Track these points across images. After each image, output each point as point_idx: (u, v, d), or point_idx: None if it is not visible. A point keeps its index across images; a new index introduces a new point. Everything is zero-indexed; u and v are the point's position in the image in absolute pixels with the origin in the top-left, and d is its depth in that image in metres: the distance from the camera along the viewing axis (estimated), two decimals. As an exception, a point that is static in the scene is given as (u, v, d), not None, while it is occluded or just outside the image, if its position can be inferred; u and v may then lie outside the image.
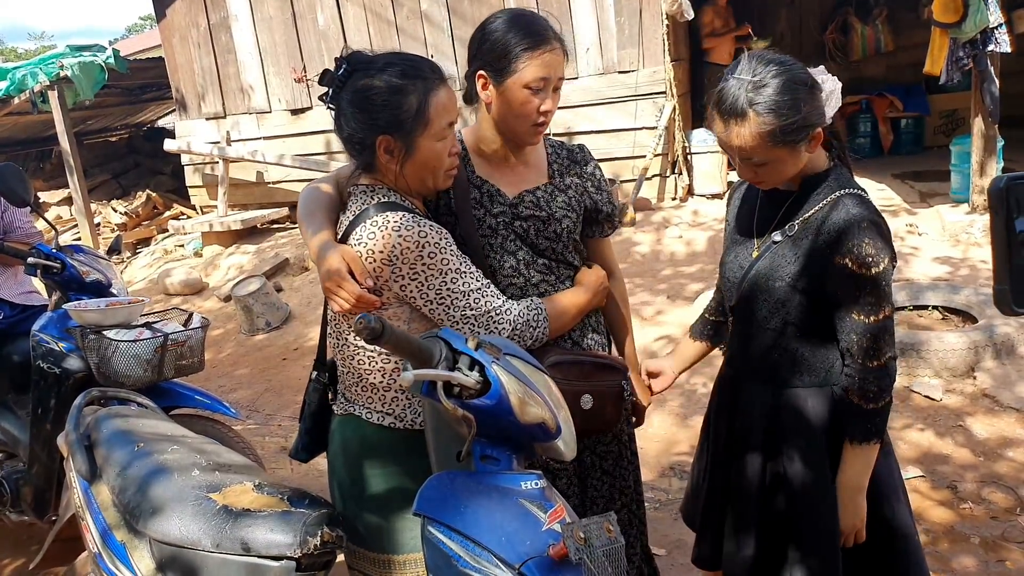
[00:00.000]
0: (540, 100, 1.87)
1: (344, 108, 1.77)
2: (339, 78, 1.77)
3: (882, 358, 1.75)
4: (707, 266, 5.90)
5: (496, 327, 1.76)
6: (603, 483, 2.10)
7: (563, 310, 1.90)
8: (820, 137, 1.77)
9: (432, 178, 1.81)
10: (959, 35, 5.54)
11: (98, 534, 1.90)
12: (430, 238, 1.70)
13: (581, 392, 1.86)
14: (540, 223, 1.96)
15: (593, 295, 1.99)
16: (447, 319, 1.74)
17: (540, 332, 1.83)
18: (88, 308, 2.89)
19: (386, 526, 1.80)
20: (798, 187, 1.86)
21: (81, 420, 2.16)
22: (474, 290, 1.74)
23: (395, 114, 1.73)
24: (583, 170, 2.07)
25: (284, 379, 5.57)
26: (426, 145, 1.75)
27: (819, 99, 1.76)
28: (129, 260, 9.11)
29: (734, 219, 2.06)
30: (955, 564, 2.85)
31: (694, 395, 4.36)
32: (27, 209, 3.45)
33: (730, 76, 1.75)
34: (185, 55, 8.91)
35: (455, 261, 1.73)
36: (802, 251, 1.80)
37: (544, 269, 1.98)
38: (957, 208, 6.21)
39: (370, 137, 1.75)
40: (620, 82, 7.30)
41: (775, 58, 1.74)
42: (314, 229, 1.82)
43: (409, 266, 1.70)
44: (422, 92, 1.73)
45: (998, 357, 4.11)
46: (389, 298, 1.75)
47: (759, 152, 1.73)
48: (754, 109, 1.69)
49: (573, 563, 1.27)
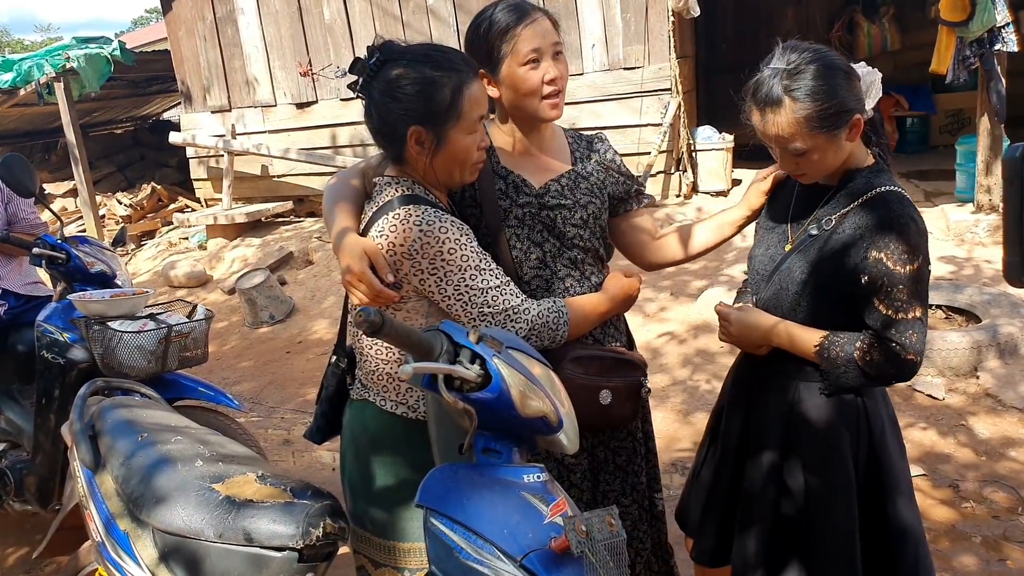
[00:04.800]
0: (542, 71, 1.88)
1: (375, 98, 1.76)
2: (371, 67, 1.76)
3: (903, 353, 1.73)
4: (710, 263, 5.90)
5: (514, 326, 1.76)
6: (615, 478, 2.10)
7: (584, 315, 1.90)
8: (860, 125, 1.75)
9: (460, 171, 1.81)
10: (966, 34, 5.52)
11: (102, 523, 1.91)
12: (451, 234, 1.70)
13: (601, 387, 1.87)
14: (567, 211, 1.96)
15: (617, 304, 1.98)
16: (464, 316, 1.74)
17: (560, 335, 1.83)
18: (93, 299, 2.90)
19: (392, 513, 1.82)
20: (837, 182, 1.85)
21: (85, 410, 2.17)
22: (492, 287, 1.74)
23: (428, 106, 1.72)
24: (603, 157, 2.09)
25: (287, 372, 5.58)
26: (457, 138, 1.75)
27: (856, 86, 1.75)
28: (134, 252, 9.13)
29: (766, 211, 2.05)
30: (956, 563, 2.85)
31: (696, 391, 4.37)
32: (32, 200, 3.46)
33: (764, 67, 1.74)
34: (191, 48, 8.92)
35: (475, 258, 1.73)
36: (838, 245, 1.78)
37: (570, 264, 1.99)
38: (962, 207, 6.20)
39: (402, 128, 1.74)
40: (625, 78, 7.29)
41: (809, 46, 1.73)
42: (337, 220, 1.81)
43: (429, 261, 1.70)
44: (456, 84, 1.73)
45: (1001, 357, 4.10)
46: (408, 292, 1.75)
47: (798, 139, 1.72)
48: (791, 96, 1.68)
49: (575, 556, 1.27)
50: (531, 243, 1.96)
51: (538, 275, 1.96)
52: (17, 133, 11.40)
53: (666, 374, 4.64)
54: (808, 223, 1.87)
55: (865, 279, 1.73)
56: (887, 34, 9.45)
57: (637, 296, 2.04)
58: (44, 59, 8.64)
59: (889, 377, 1.77)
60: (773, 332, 1.86)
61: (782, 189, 2.02)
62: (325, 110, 8.47)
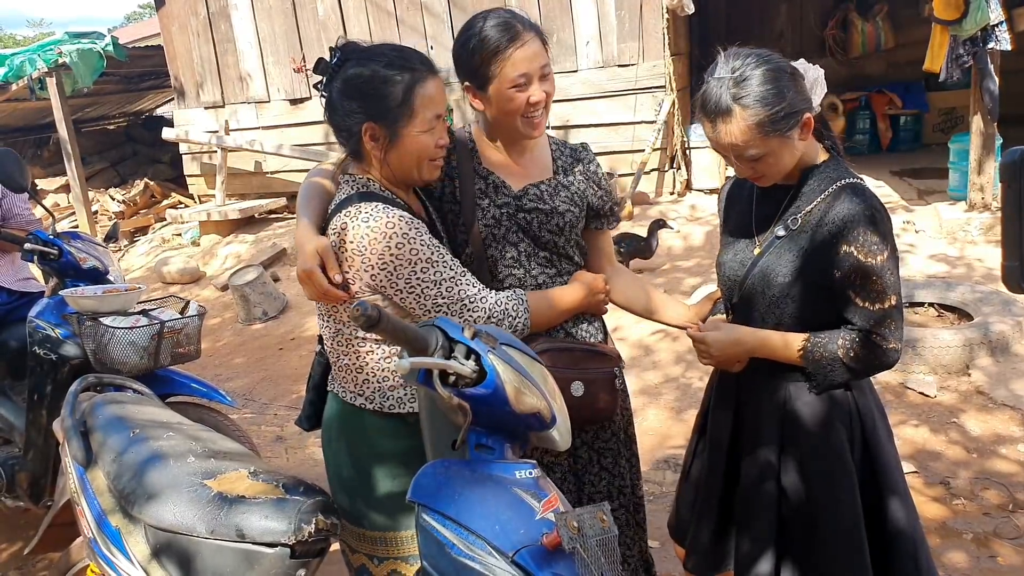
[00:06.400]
0: (526, 94, 1.89)
1: (334, 96, 1.82)
2: (332, 67, 1.81)
3: (884, 344, 1.75)
4: (704, 261, 5.91)
5: (470, 315, 1.78)
6: (601, 479, 2.09)
7: (548, 304, 1.92)
8: (811, 124, 1.77)
9: (417, 168, 1.84)
10: (959, 32, 5.53)
11: (93, 520, 1.91)
12: (398, 228, 1.72)
13: (571, 379, 1.87)
14: (543, 216, 1.97)
15: (586, 294, 1.99)
16: (419, 308, 1.77)
17: (520, 323, 1.84)
18: (85, 295, 2.89)
19: (357, 501, 1.86)
20: (796, 180, 1.86)
21: (77, 406, 2.16)
22: (446, 279, 1.76)
23: (380, 103, 1.77)
24: (586, 168, 2.10)
25: (280, 368, 5.57)
26: (410, 135, 1.79)
27: (802, 85, 1.76)
28: (127, 248, 9.10)
29: (729, 218, 2.05)
30: (946, 559, 2.86)
31: (689, 389, 4.37)
32: (26, 196, 3.45)
33: (710, 77, 1.76)
34: (184, 44, 8.89)
35: (425, 251, 1.74)
36: (806, 244, 1.80)
37: (544, 262, 2.00)
38: (955, 206, 6.22)
39: (356, 125, 1.79)
40: (620, 76, 7.29)
41: (751, 51, 1.75)
42: (300, 216, 1.87)
43: (377, 256, 1.72)
44: (408, 83, 1.77)
45: (993, 355, 4.12)
46: (362, 288, 1.77)
47: (752, 145, 1.73)
48: (740, 103, 1.70)
49: (566, 552, 1.27)
50: (507, 243, 1.97)
51: (511, 274, 1.98)
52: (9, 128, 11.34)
53: (659, 371, 4.64)
54: (774, 225, 1.89)
55: (838, 274, 1.75)
56: (881, 32, 9.47)
57: (605, 295, 2.05)
58: (36, 54, 8.61)
59: (874, 369, 1.80)
60: (755, 346, 1.87)
61: (740, 194, 2.03)
62: (319, 106, 8.37)
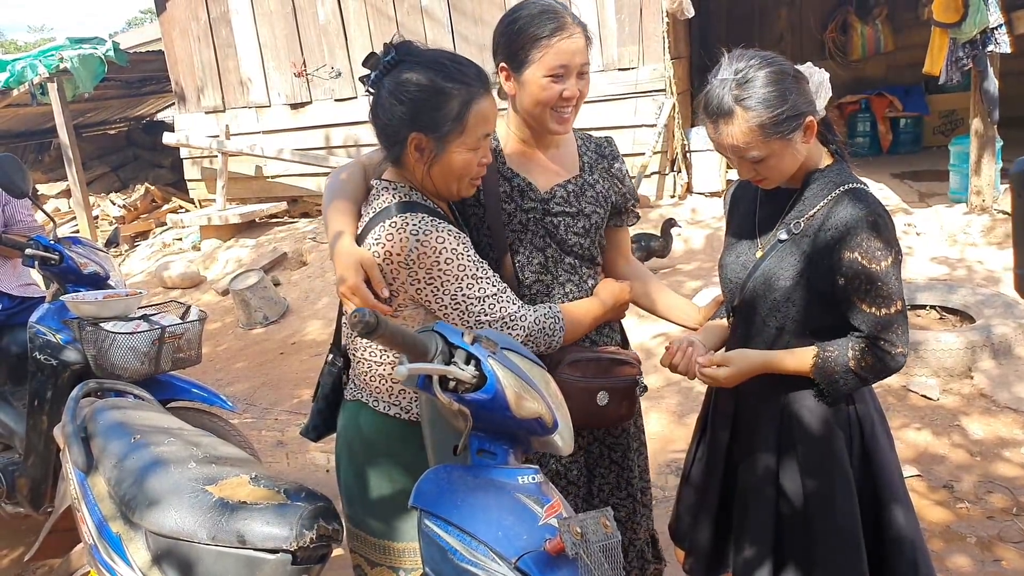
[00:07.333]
0: (561, 87, 1.87)
1: (383, 96, 1.75)
2: (385, 64, 1.75)
3: (892, 350, 1.75)
4: (705, 264, 5.90)
5: (511, 332, 1.76)
6: (610, 472, 2.12)
7: (579, 320, 1.91)
8: (813, 127, 1.76)
9: (457, 184, 1.79)
10: (959, 35, 5.54)
11: (94, 526, 1.90)
12: (448, 243, 1.69)
13: (599, 389, 1.88)
14: (570, 219, 1.97)
15: (610, 308, 1.99)
16: (462, 324, 1.74)
17: (556, 340, 1.84)
18: (86, 300, 2.89)
19: (387, 513, 1.82)
20: (800, 184, 1.86)
21: (78, 412, 2.16)
22: (489, 295, 1.74)
23: (433, 115, 1.71)
24: (611, 166, 2.09)
25: (281, 373, 5.56)
26: (458, 152, 1.74)
27: (805, 88, 1.75)
28: (127, 253, 9.11)
29: (733, 219, 2.05)
30: (950, 563, 2.85)
31: (691, 393, 4.36)
32: (28, 202, 3.45)
33: (713, 78, 1.75)
34: (185, 49, 8.90)
35: (471, 267, 1.72)
36: (808, 248, 1.79)
37: (570, 269, 2.00)
38: (955, 208, 6.22)
39: (404, 131, 1.73)
40: (620, 79, 7.30)
41: (755, 53, 1.74)
42: (334, 222, 1.80)
43: (425, 271, 1.70)
44: (465, 99, 1.71)
45: (995, 357, 4.11)
46: (405, 300, 1.75)
47: (753, 147, 1.73)
48: (742, 105, 1.69)
49: (569, 558, 1.27)
50: (533, 248, 1.96)
51: (539, 280, 1.98)
52: (10, 134, 11.36)
53: (660, 375, 4.63)
54: (777, 228, 1.88)
55: (842, 280, 1.75)
56: (880, 35, 9.48)
57: (629, 303, 2.06)
58: (37, 59, 8.61)
59: (883, 374, 1.79)
60: (766, 369, 1.86)
61: (745, 196, 2.02)
62: (319, 111, 8.45)
